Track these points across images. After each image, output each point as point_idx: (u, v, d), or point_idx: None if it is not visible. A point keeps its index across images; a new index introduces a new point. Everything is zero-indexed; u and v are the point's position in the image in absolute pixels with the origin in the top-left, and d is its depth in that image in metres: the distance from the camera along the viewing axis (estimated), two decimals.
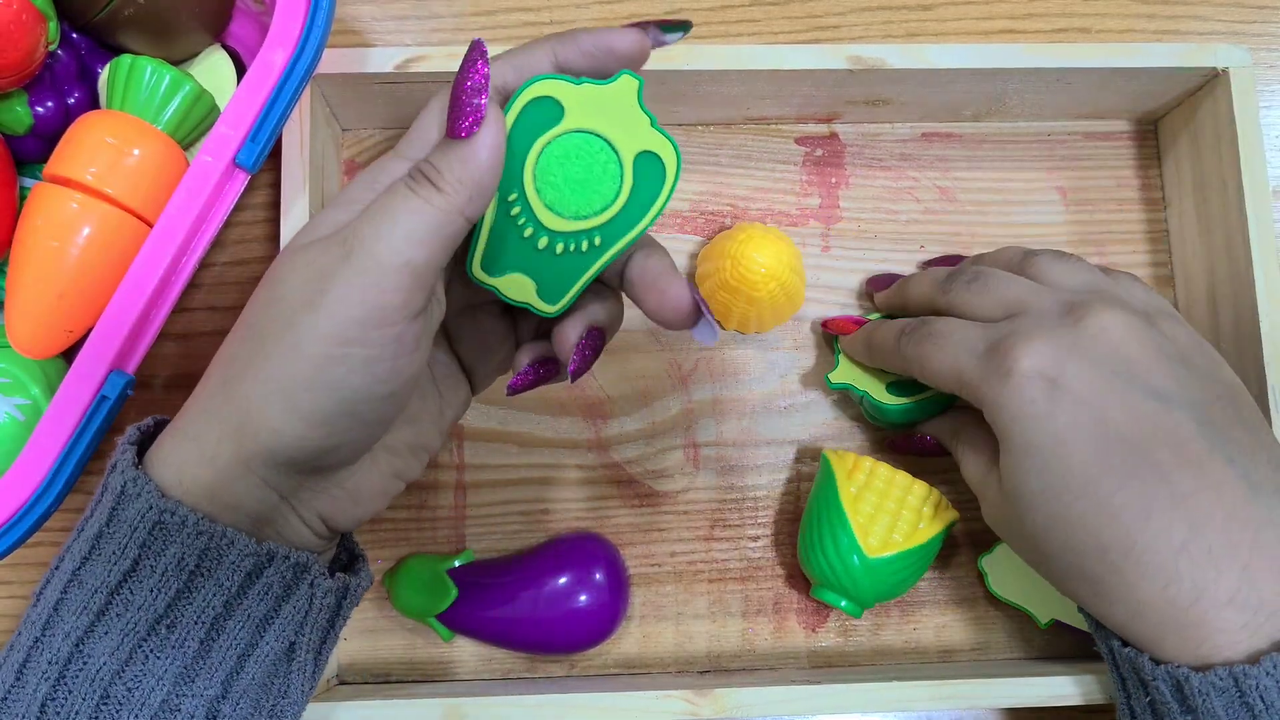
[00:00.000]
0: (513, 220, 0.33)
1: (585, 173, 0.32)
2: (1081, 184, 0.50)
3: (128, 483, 0.30)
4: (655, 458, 0.47)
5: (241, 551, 0.30)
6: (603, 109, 0.32)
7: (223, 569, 0.30)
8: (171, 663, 0.30)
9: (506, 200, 0.32)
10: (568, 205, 0.32)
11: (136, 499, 0.29)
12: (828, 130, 0.50)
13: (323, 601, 0.32)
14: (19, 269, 0.39)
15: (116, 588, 0.29)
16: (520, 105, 0.31)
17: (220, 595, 0.30)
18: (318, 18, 0.39)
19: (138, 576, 0.29)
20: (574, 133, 0.32)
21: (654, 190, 0.32)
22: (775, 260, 0.44)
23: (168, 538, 0.29)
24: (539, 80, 0.31)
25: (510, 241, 0.33)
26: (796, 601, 0.47)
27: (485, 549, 0.47)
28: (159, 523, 0.29)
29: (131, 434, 0.32)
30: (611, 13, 0.50)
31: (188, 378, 0.47)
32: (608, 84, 0.31)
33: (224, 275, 0.48)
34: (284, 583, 0.31)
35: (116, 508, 0.30)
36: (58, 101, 0.41)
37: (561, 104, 0.32)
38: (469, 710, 0.40)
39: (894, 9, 0.51)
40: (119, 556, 0.29)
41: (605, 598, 0.44)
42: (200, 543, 0.29)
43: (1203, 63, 0.45)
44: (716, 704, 0.40)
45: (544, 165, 0.32)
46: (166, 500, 0.29)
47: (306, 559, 0.31)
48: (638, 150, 0.32)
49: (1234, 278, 0.45)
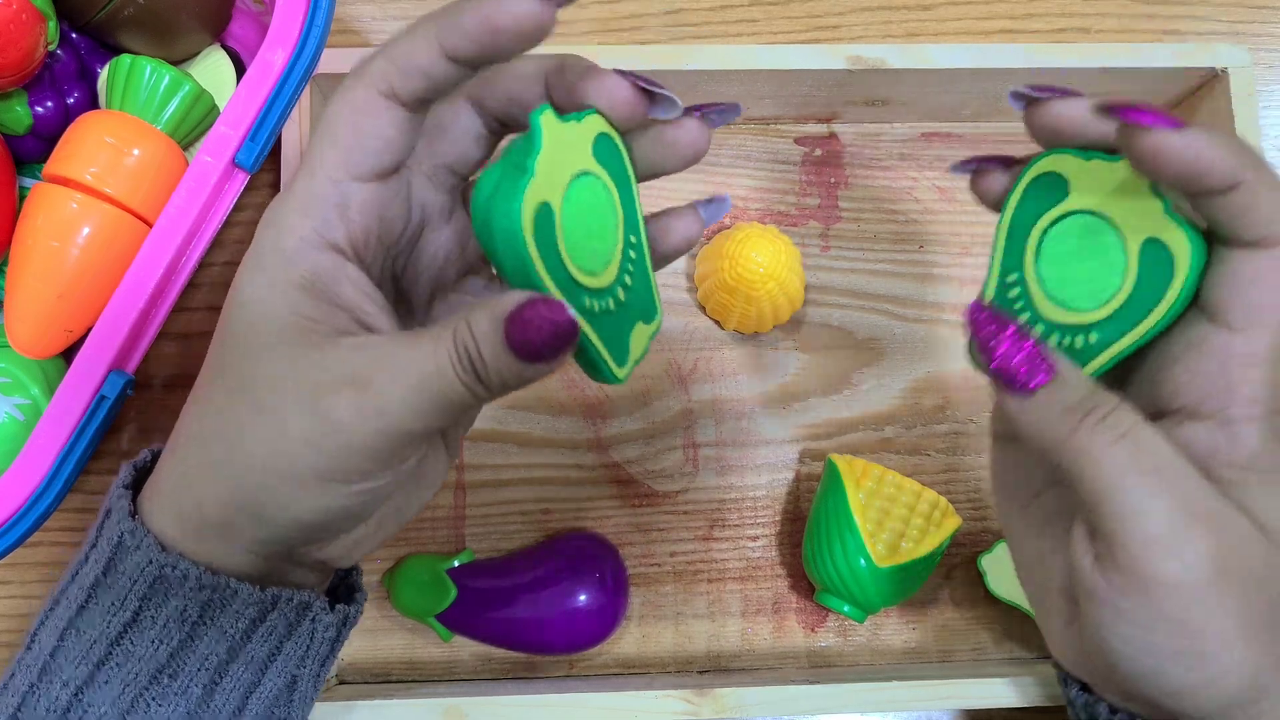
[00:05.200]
0: (1009, 304, 0.29)
1: (1089, 260, 0.28)
2: None
3: (125, 534, 0.29)
4: (655, 458, 0.47)
5: (245, 600, 0.29)
6: (1110, 186, 0.28)
7: (226, 617, 0.29)
8: (174, 709, 0.29)
9: (1006, 282, 0.29)
10: (1070, 295, 0.28)
11: (135, 551, 0.29)
12: (827, 130, 0.50)
13: (324, 635, 0.32)
14: (19, 269, 0.39)
15: (117, 639, 0.29)
16: (1026, 181, 0.29)
17: (224, 642, 0.29)
18: (317, 18, 0.39)
19: (139, 628, 0.29)
20: (1079, 213, 0.28)
21: (1163, 279, 0.27)
22: (774, 260, 0.44)
23: (169, 590, 0.29)
24: (1048, 155, 0.29)
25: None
26: (796, 601, 0.47)
27: (485, 549, 0.47)
28: (159, 577, 0.28)
29: (126, 474, 0.31)
30: (611, 12, 0.50)
31: (187, 378, 0.47)
32: (1119, 159, 0.27)
33: (224, 275, 0.48)
34: (287, 623, 0.31)
35: (114, 558, 0.29)
36: (57, 101, 0.41)
37: (1065, 178, 0.28)
38: (469, 710, 0.40)
39: (894, 9, 0.51)
40: (119, 608, 0.29)
41: (605, 598, 0.44)
42: (203, 595, 0.29)
43: (1202, 63, 0.45)
44: (716, 704, 0.40)
45: (1049, 253, 0.29)
46: (167, 555, 0.28)
47: (309, 598, 0.31)
48: (1147, 235, 0.27)
49: None
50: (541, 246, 0.25)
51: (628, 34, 0.50)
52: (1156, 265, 0.27)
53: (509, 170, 0.25)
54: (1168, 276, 0.27)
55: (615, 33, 0.50)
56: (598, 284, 0.28)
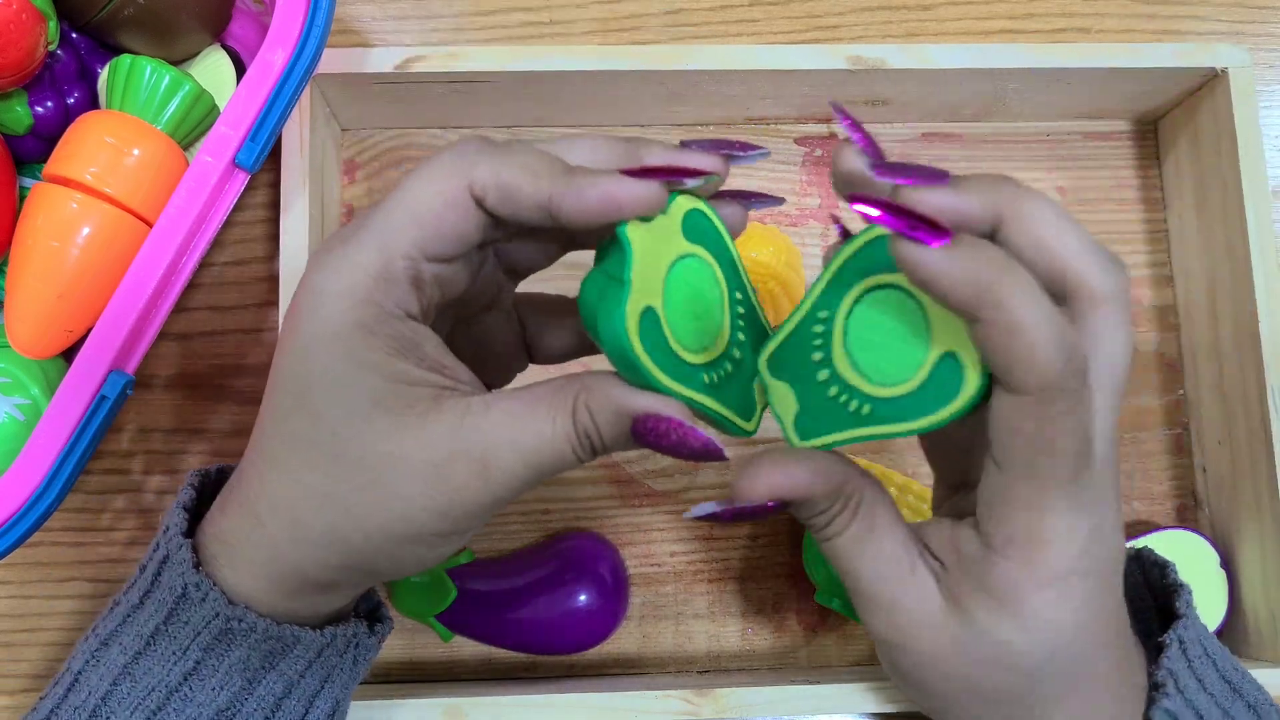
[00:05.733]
0: (810, 337, 0.29)
1: (895, 340, 0.28)
2: (1081, 184, 0.50)
3: (189, 586, 0.29)
4: (655, 458, 0.47)
5: (306, 645, 0.30)
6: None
7: (287, 662, 0.30)
8: None
9: (817, 315, 0.29)
10: (864, 361, 0.28)
11: (200, 604, 0.29)
12: (828, 130, 0.50)
13: (364, 657, 0.33)
14: (19, 269, 0.39)
15: (176, 687, 0.29)
16: (861, 242, 0.28)
17: (282, 683, 0.30)
18: (318, 18, 0.39)
19: (199, 676, 0.29)
20: (908, 292, 0.27)
21: (945, 395, 0.26)
22: (774, 259, 0.44)
23: (233, 641, 0.29)
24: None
25: (800, 355, 0.30)
26: (796, 601, 0.47)
27: (485, 549, 0.47)
28: (225, 630, 0.29)
29: (179, 519, 0.30)
30: (611, 12, 0.50)
31: (188, 378, 0.47)
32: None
33: (224, 275, 0.48)
34: (338, 654, 0.31)
35: (176, 609, 0.29)
36: (57, 101, 0.41)
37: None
38: (469, 710, 0.40)
39: (894, 9, 0.51)
40: (180, 657, 0.29)
41: (605, 598, 0.44)
42: (267, 645, 0.29)
43: (1203, 63, 0.45)
44: (716, 704, 0.40)
45: (863, 311, 0.28)
46: (234, 608, 0.29)
47: (358, 630, 0.32)
48: (949, 348, 0.26)
49: (1234, 278, 0.45)
50: (651, 350, 0.26)
51: (628, 34, 0.50)
52: (948, 376, 0.26)
53: (608, 283, 0.27)
54: (952, 394, 0.26)
55: (615, 33, 0.50)
56: (711, 357, 0.29)
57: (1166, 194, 0.50)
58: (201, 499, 0.32)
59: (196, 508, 0.32)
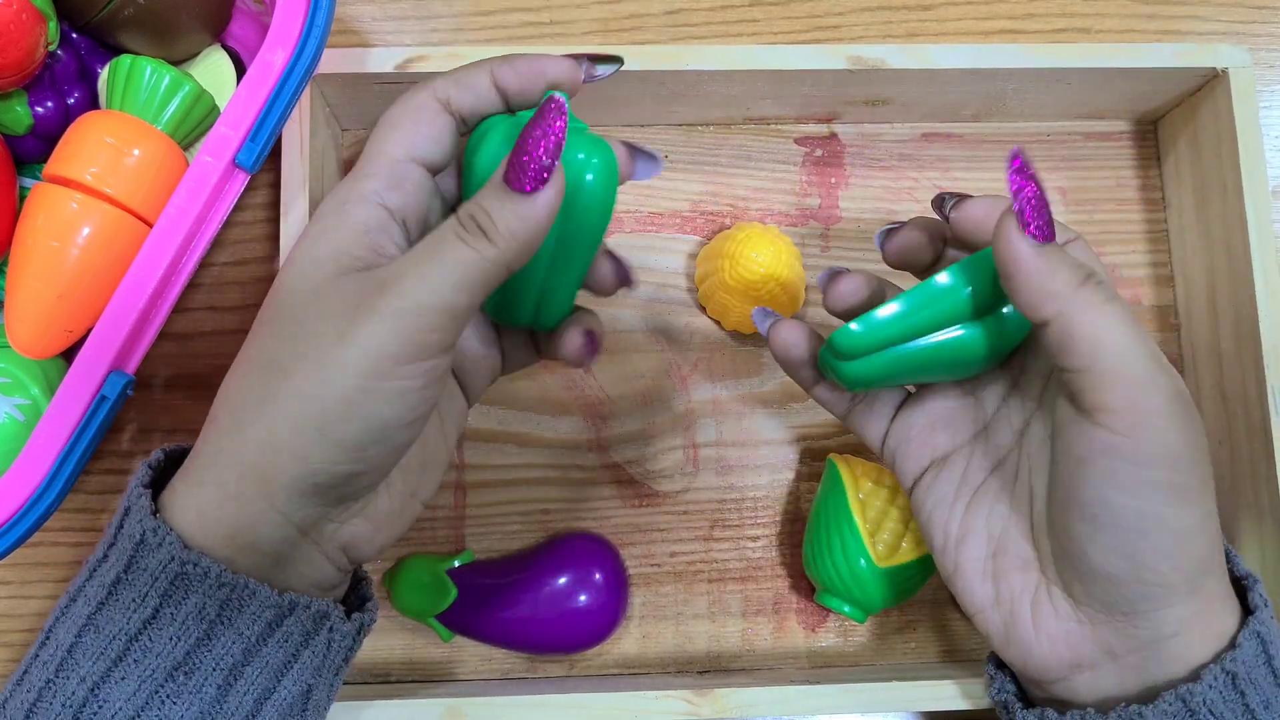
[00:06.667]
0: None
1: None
2: (1081, 184, 0.50)
3: (147, 531, 0.30)
4: (655, 458, 0.47)
5: (263, 602, 0.30)
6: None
7: (243, 618, 0.30)
8: (188, 708, 0.30)
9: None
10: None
11: (157, 549, 0.29)
12: (827, 130, 0.50)
13: (340, 644, 0.33)
14: (19, 269, 0.39)
15: (136, 635, 0.29)
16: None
17: (240, 643, 0.30)
18: (318, 18, 0.39)
19: (157, 625, 0.30)
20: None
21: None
22: (775, 260, 0.44)
23: (189, 588, 0.29)
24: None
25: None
26: (796, 602, 0.47)
27: (485, 549, 0.47)
28: (181, 574, 0.29)
29: (144, 474, 0.32)
30: (611, 12, 0.50)
31: (188, 378, 0.47)
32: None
33: (224, 275, 0.48)
34: (304, 631, 0.31)
35: (135, 556, 0.30)
36: (58, 101, 0.41)
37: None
38: (469, 710, 0.40)
39: (894, 9, 0.51)
40: (139, 604, 0.30)
41: (605, 598, 0.44)
42: (222, 593, 0.30)
43: (1203, 63, 0.45)
44: (716, 704, 0.40)
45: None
46: (189, 552, 0.29)
47: (326, 607, 0.32)
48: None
49: (1234, 278, 0.45)
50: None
51: (628, 34, 0.50)
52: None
53: (501, 146, 0.32)
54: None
55: (615, 33, 0.50)
56: None
57: (1166, 194, 0.50)
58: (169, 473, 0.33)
59: (163, 479, 0.33)
